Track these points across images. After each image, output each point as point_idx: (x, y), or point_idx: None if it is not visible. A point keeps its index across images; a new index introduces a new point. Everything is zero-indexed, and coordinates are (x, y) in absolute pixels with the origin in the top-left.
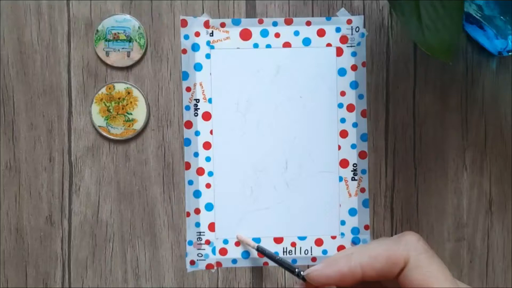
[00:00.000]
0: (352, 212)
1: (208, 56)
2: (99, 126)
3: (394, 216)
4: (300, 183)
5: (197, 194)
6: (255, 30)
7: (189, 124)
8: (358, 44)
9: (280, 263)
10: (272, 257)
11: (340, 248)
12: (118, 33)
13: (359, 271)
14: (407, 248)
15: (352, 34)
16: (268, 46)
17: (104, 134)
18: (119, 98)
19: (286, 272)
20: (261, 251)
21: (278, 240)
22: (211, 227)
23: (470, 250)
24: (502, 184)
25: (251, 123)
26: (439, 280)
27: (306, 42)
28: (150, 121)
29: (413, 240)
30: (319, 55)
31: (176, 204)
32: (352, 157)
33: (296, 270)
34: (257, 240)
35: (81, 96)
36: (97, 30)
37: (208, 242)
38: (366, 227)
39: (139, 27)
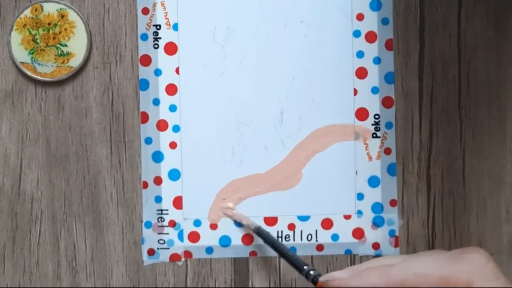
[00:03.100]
0: (374, 181)
1: None
2: (21, 62)
3: (432, 187)
4: (300, 142)
5: (157, 157)
6: None
7: (146, 60)
8: None
9: (286, 255)
10: (276, 245)
11: (357, 232)
12: None
13: None
14: (471, 270)
15: None
16: None
17: (29, 73)
18: (49, 24)
19: (282, 266)
20: (261, 235)
21: (271, 221)
22: (177, 202)
23: None
24: None
25: (233, 58)
26: None
27: None
28: (92, 56)
29: (480, 261)
30: None
31: (129, 170)
32: (373, 105)
33: (305, 268)
34: (241, 224)
35: None
36: None
37: (173, 224)
38: (393, 203)
39: None
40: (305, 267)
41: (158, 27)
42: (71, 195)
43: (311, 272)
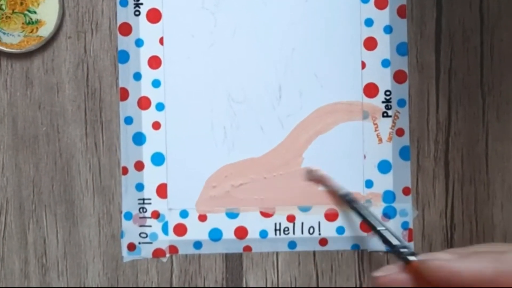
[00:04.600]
0: (384, 167)
1: None
2: None
3: (451, 173)
4: (301, 122)
5: (139, 139)
6: None
7: (126, 29)
8: None
9: (377, 228)
10: (365, 215)
11: (365, 224)
12: None
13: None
14: None
15: None
16: None
17: None
18: None
19: (280, 263)
20: (349, 202)
21: (267, 213)
22: (161, 191)
23: None
24: None
25: (224, 26)
26: None
27: None
28: (64, 24)
29: None
30: None
31: (106, 154)
32: (384, 80)
33: (397, 245)
34: (233, 215)
35: None
36: None
37: (156, 215)
38: (406, 191)
39: None
40: (397, 244)
41: None
42: (41, 182)
43: (402, 250)
